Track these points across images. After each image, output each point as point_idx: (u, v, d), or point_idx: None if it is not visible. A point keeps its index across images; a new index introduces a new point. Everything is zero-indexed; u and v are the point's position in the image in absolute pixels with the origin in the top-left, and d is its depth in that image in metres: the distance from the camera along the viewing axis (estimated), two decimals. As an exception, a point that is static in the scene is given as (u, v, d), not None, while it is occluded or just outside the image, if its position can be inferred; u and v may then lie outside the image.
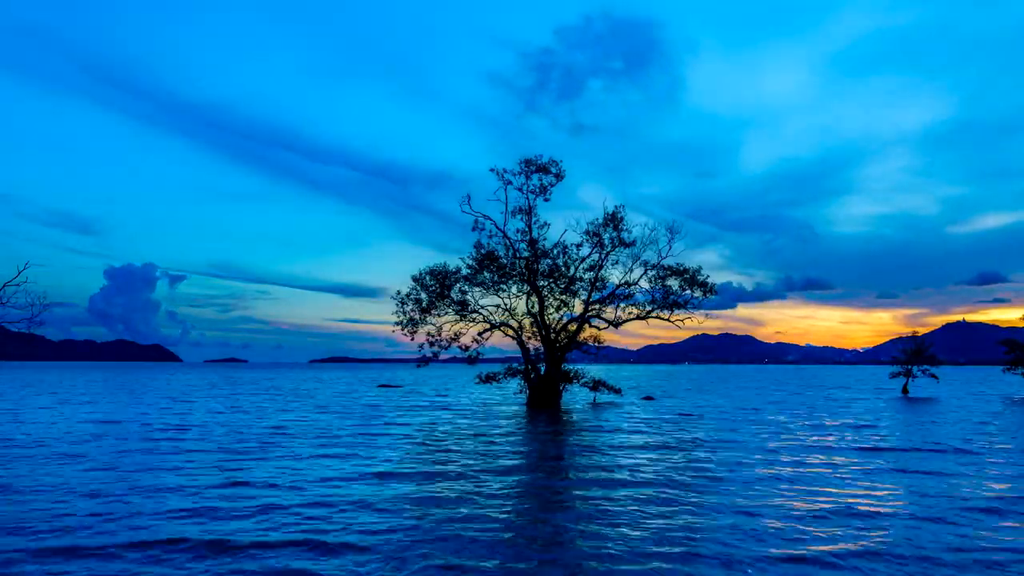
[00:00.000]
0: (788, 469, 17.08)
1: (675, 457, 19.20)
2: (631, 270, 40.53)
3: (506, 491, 14.15)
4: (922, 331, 71.56)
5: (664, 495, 13.68)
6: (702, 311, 40.16)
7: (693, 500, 13.25)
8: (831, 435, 25.33)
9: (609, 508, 12.49)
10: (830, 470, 17.03)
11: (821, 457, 19.34)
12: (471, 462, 18.11)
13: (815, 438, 24.25)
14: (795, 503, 13.01)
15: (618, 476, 16.00)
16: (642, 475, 16.12)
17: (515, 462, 18.31)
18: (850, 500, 13.33)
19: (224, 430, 26.21)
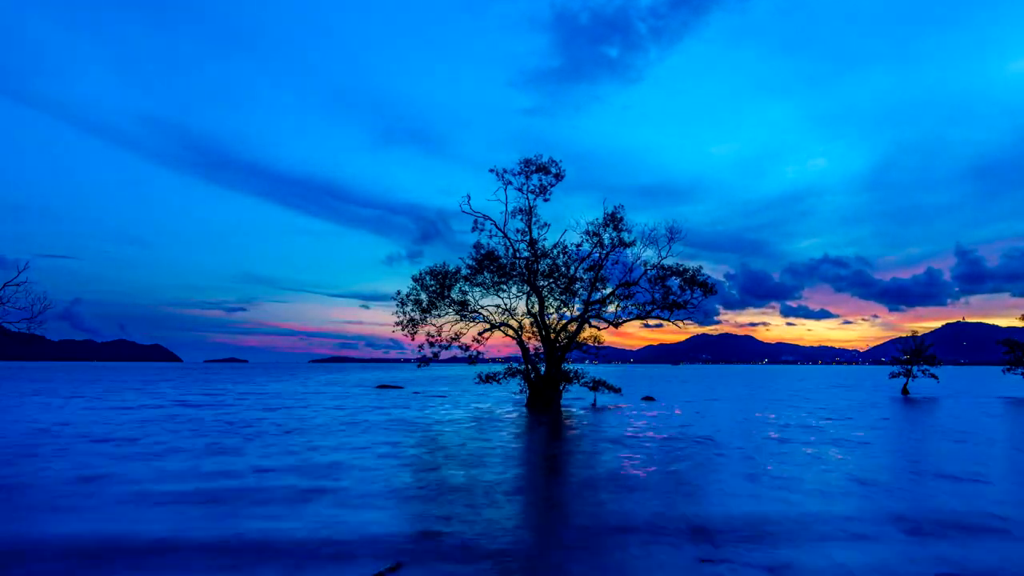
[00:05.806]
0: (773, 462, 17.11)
1: (674, 456, 19.21)
2: (631, 270, 40.58)
3: (502, 493, 14.16)
4: (921, 331, 71.49)
5: (662, 497, 13.70)
6: (701, 313, 40.27)
7: (692, 507, 13.26)
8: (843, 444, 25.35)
9: (607, 508, 12.51)
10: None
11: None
12: (469, 463, 18.11)
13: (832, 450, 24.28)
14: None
15: (616, 478, 16.01)
16: (641, 476, 16.15)
17: (513, 462, 18.30)
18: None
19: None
